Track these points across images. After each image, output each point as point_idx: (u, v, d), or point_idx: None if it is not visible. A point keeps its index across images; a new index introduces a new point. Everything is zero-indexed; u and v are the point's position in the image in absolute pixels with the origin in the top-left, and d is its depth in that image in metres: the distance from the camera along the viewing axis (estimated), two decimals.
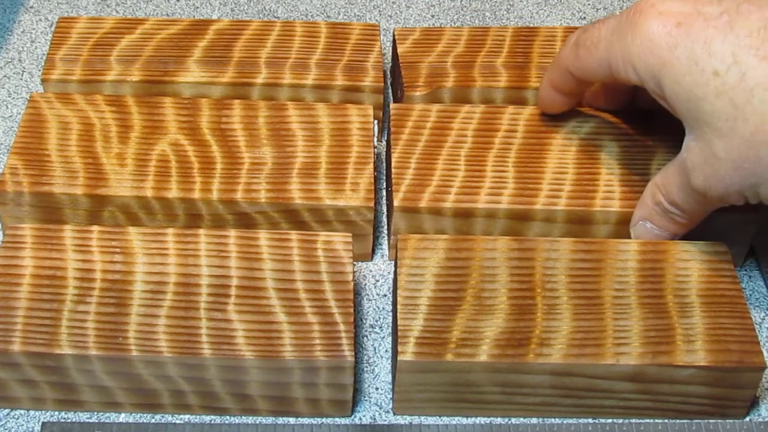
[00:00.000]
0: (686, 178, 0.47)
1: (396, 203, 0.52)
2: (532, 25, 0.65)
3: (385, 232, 0.56)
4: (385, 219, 0.56)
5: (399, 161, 0.54)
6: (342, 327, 0.46)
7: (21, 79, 0.64)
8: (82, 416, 0.47)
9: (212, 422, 0.47)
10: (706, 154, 0.46)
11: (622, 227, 0.53)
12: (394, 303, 0.49)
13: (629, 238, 0.52)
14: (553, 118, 0.56)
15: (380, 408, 0.48)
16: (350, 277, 0.48)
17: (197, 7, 0.69)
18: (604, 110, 0.57)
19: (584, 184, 0.53)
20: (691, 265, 0.49)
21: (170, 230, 0.49)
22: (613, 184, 0.53)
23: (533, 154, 0.54)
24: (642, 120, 0.56)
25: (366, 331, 0.51)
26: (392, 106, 0.56)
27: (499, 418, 0.48)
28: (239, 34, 0.60)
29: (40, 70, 0.63)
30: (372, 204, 0.52)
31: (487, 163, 0.54)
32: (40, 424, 0.47)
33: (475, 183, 0.53)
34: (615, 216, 0.52)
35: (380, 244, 0.55)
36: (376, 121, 0.56)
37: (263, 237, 0.49)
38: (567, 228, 0.53)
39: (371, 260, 0.55)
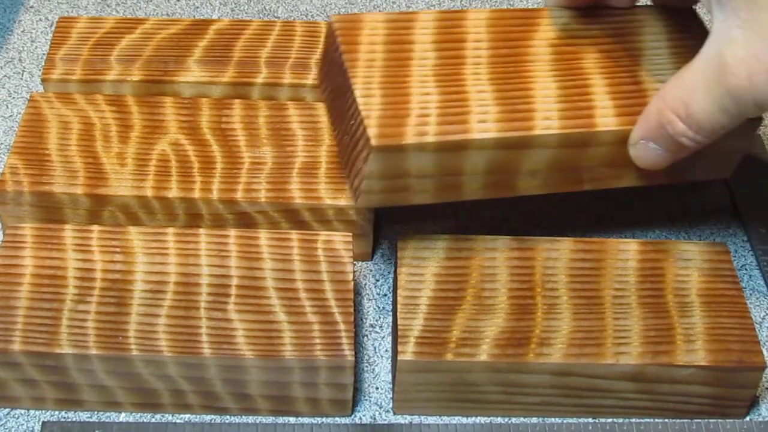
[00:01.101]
0: (719, 79, 0.41)
1: (373, 142, 0.44)
2: None
3: (381, 231, 0.56)
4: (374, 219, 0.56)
5: (364, 89, 0.45)
6: (342, 327, 0.46)
7: (21, 79, 0.64)
8: (82, 416, 0.47)
9: (212, 422, 0.47)
10: (755, 44, 0.39)
11: (619, 147, 0.48)
12: (394, 303, 0.49)
13: (625, 155, 0.47)
14: (519, 19, 0.50)
15: (380, 408, 0.48)
16: (350, 277, 0.48)
17: (197, 7, 0.69)
18: (577, 7, 0.51)
19: (575, 101, 0.47)
20: (691, 264, 0.49)
21: (170, 230, 0.49)
22: (606, 97, 0.48)
23: (509, 67, 0.48)
24: (622, 17, 0.51)
25: (366, 331, 0.51)
26: (333, 17, 0.48)
27: (499, 418, 0.48)
28: (239, 34, 0.60)
29: (40, 70, 0.63)
30: None
31: (463, 82, 0.47)
32: (40, 423, 0.47)
33: (457, 109, 0.46)
34: (614, 136, 0.47)
35: (380, 244, 0.55)
36: None
37: (263, 237, 0.49)
38: (559, 153, 0.47)
39: (371, 260, 0.55)
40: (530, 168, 0.47)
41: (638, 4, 0.52)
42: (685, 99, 0.43)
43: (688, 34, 0.51)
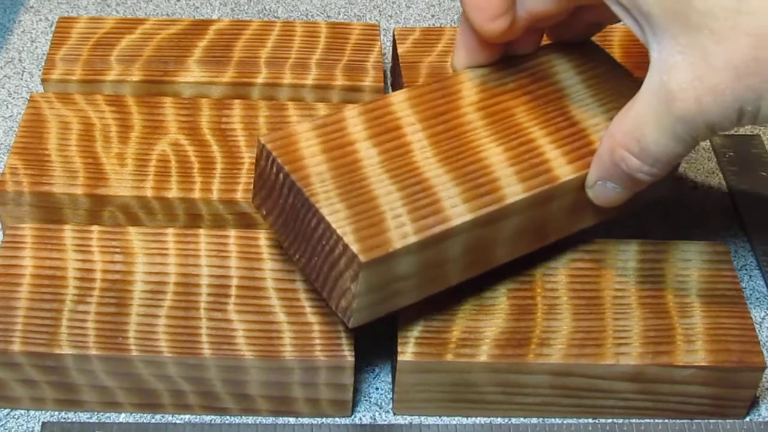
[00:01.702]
0: (667, 108, 0.40)
1: (362, 258, 0.41)
2: None
3: None
4: None
5: (327, 206, 0.43)
6: (342, 327, 0.46)
7: (21, 79, 0.64)
8: (82, 416, 0.47)
9: (212, 422, 0.47)
10: (698, 67, 0.38)
11: (579, 193, 0.47)
12: None
13: (584, 199, 0.47)
14: (439, 92, 0.48)
15: (380, 408, 0.48)
16: None
17: (197, 7, 0.69)
18: (483, 67, 0.50)
19: (527, 159, 0.46)
20: (691, 265, 0.49)
21: (170, 230, 0.49)
22: (552, 147, 0.47)
23: (453, 143, 0.47)
24: (531, 62, 0.50)
25: (366, 331, 0.51)
26: (260, 138, 0.45)
27: (499, 418, 0.48)
28: (239, 34, 0.60)
29: (40, 70, 0.63)
30: None
31: (418, 171, 0.45)
32: (40, 424, 0.47)
33: (425, 200, 0.44)
34: (574, 183, 0.46)
35: None
36: None
37: (263, 237, 0.49)
38: (527, 215, 0.46)
39: None
40: (503, 237, 0.46)
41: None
42: (636, 134, 0.42)
43: (596, 62, 0.51)
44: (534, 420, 0.48)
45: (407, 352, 0.45)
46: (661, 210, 0.58)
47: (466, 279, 0.46)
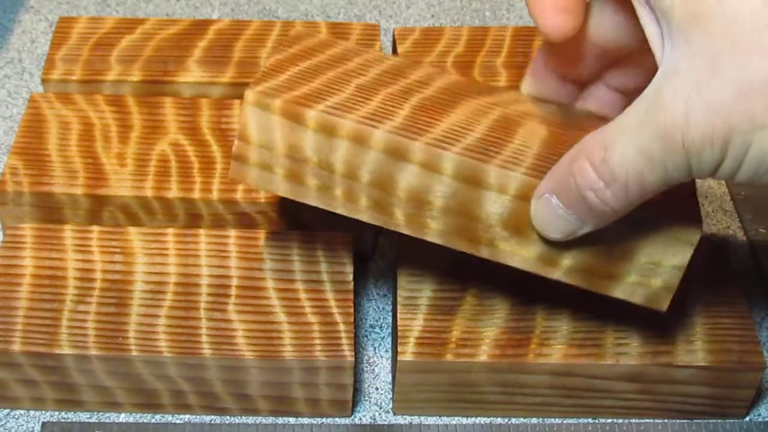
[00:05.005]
0: (652, 116, 0.35)
1: (250, 94, 0.41)
2: (532, 25, 0.65)
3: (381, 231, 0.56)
4: None
5: (274, 64, 0.43)
6: (342, 327, 0.46)
7: (21, 79, 0.64)
8: (82, 416, 0.47)
9: (212, 422, 0.47)
10: (701, 75, 0.33)
11: (525, 205, 0.41)
12: (394, 303, 0.49)
13: (530, 221, 0.41)
14: (479, 88, 0.47)
15: (380, 408, 0.48)
16: (350, 277, 0.48)
17: (197, 7, 0.69)
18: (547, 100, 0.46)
19: (490, 142, 0.42)
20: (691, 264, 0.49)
21: (170, 230, 0.49)
22: (525, 152, 0.42)
23: (439, 104, 0.44)
24: (584, 117, 0.46)
25: (366, 331, 0.51)
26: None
27: (499, 418, 0.48)
28: (239, 34, 0.60)
29: (40, 70, 0.63)
30: None
31: (378, 94, 0.43)
32: (40, 424, 0.47)
33: (354, 104, 0.42)
34: (516, 184, 0.41)
35: (380, 244, 0.55)
36: None
37: (263, 237, 0.49)
38: (453, 186, 0.41)
39: (371, 260, 0.55)
40: (416, 194, 0.42)
41: None
42: (606, 141, 0.36)
43: None
44: (534, 420, 0.48)
45: (407, 352, 0.45)
46: None
47: (358, 218, 0.43)
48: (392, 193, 0.42)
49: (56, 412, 0.47)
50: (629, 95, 0.44)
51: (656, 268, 0.42)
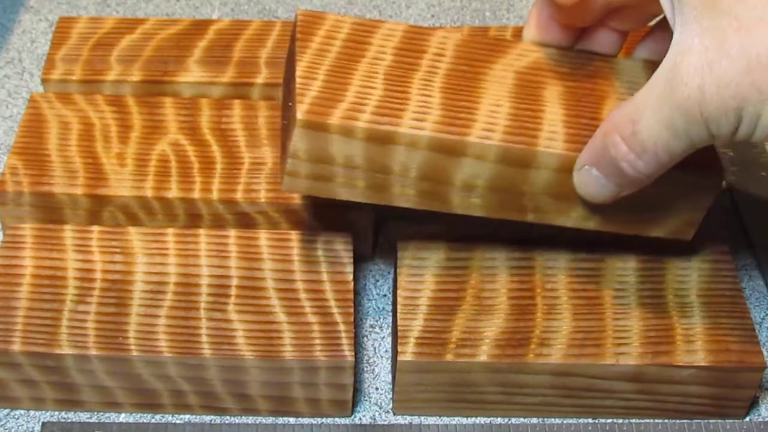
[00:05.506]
0: (670, 91, 0.38)
1: (299, 116, 0.43)
2: None
3: (381, 231, 0.56)
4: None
5: (306, 72, 0.44)
6: (342, 327, 0.46)
7: (21, 79, 0.64)
8: (82, 416, 0.47)
9: (212, 422, 0.47)
10: (711, 52, 0.37)
11: (565, 175, 0.45)
12: (394, 303, 0.49)
13: (572, 187, 0.45)
14: (490, 45, 0.48)
15: (380, 408, 0.48)
16: (350, 277, 0.48)
17: (197, 7, 0.69)
18: (550, 46, 0.49)
19: (523, 120, 0.45)
20: (691, 264, 0.49)
21: (170, 230, 0.49)
22: (557, 124, 0.45)
23: (463, 82, 0.46)
24: (590, 62, 0.48)
25: (366, 331, 0.51)
26: (299, 12, 0.47)
27: (499, 418, 0.48)
28: (239, 34, 0.60)
29: (40, 70, 0.63)
30: None
31: (410, 85, 0.45)
32: (40, 424, 0.47)
33: (395, 104, 0.44)
34: (558, 160, 0.44)
35: (380, 244, 0.55)
36: None
37: (263, 237, 0.49)
38: (496, 169, 0.44)
39: (371, 260, 0.55)
40: (465, 181, 0.45)
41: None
42: (633, 117, 0.40)
43: None
44: (534, 420, 0.48)
45: (407, 352, 0.45)
46: None
47: (417, 208, 0.45)
48: (444, 182, 0.45)
49: (56, 412, 0.47)
50: (629, 35, 0.49)
51: (682, 209, 0.46)
